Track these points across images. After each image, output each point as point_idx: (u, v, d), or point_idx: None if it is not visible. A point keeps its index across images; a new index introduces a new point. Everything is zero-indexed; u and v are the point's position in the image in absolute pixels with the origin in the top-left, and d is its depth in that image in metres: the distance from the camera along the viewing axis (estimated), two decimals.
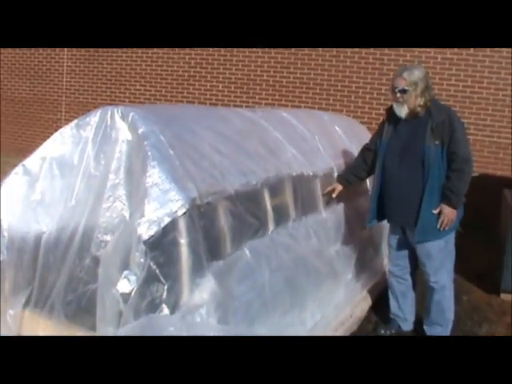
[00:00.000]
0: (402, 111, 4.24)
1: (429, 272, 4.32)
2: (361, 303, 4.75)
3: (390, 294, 4.68)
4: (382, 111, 8.97)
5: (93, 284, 3.13)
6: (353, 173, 4.84)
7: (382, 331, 4.63)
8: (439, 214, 4.11)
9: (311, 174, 4.43)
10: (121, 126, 3.26)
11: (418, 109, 4.21)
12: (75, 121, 3.45)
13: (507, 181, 7.91)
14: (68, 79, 11.32)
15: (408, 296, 4.65)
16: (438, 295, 4.34)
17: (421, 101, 4.19)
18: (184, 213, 2.94)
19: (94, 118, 3.37)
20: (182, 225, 2.94)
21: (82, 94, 11.17)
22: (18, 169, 3.50)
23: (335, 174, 4.89)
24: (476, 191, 5.12)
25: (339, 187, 4.78)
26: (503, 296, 5.77)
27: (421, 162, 4.12)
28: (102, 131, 3.31)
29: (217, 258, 3.15)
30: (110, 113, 3.30)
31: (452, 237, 4.31)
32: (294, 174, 4.18)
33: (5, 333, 3.37)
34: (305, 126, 4.81)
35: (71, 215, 3.31)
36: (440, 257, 4.27)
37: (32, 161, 3.48)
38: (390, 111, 4.41)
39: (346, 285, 4.75)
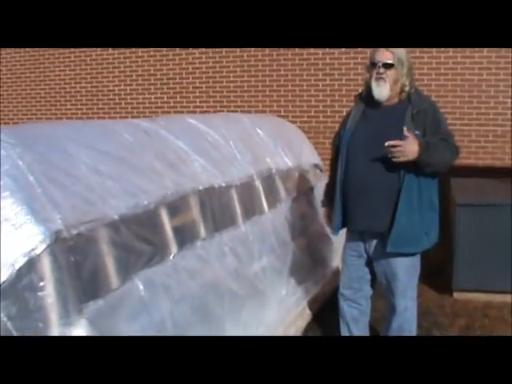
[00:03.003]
0: (383, 91, 3.56)
1: (392, 294, 3.74)
2: (296, 322, 4.31)
3: (340, 318, 4.03)
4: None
5: None
6: (332, 186, 3.97)
7: None
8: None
9: (224, 185, 3.98)
10: None
11: (403, 93, 3.60)
12: None
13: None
14: None
15: (361, 321, 4.01)
16: (399, 318, 3.74)
17: (406, 80, 3.56)
18: (44, 249, 2.49)
19: None
20: (43, 264, 2.48)
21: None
22: None
23: (256, 182, 4.45)
24: None
25: (327, 211, 4.16)
26: (456, 295, 5.39)
27: None
28: None
29: (95, 297, 2.68)
30: None
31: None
32: (201, 187, 3.72)
33: None
34: (217, 132, 4.34)
35: None
36: (406, 276, 3.69)
37: None
38: (360, 97, 3.81)
39: (279, 302, 4.30)
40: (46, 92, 10.27)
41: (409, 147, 3.40)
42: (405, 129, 3.45)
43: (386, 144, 3.39)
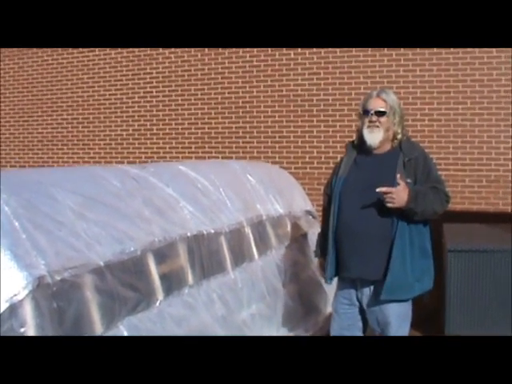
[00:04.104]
0: (376, 138, 3.60)
1: None
2: None
3: None
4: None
5: None
6: (324, 236, 3.99)
7: None
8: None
9: (212, 231, 3.98)
10: None
11: (395, 141, 3.65)
12: None
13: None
14: None
15: None
16: None
17: (398, 128, 3.62)
18: (26, 295, 2.49)
19: None
20: (24, 310, 2.48)
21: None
22: None
23: (246, 229, 4.46)
24: None
25: (321, 261, 4.15)
26: None
27: None
28: None
29: None
30: None
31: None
32: (189, 234, 3.73)
33: None
34: (207, 179, 4.37)
35: None
36: (399, 323, 3.67)
37: None
38: (352, 145, 3.86)
39: None
40: (43, 136, 10.35)
41: (399, 195, 3.43)
42: (398, 176, 3.48)
43: (378, 190, 3.42)
